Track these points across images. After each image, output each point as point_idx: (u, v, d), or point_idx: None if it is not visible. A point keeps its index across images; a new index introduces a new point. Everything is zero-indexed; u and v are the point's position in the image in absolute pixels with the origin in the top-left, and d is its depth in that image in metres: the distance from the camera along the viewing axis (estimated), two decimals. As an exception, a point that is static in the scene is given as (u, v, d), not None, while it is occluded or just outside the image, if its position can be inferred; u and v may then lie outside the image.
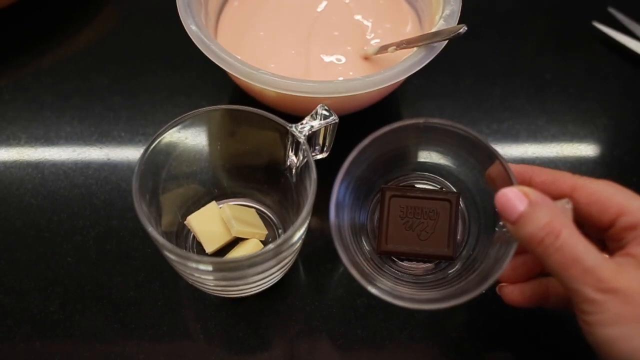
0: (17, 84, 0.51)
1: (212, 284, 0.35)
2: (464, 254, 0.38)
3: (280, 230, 0.41)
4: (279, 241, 0.32)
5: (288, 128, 0.35)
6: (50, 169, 0.46)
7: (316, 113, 0.36)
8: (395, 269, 0.38)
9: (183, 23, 0.41)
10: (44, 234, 0.42)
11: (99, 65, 0.52)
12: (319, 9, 0.49)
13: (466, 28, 0.38)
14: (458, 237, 0.38)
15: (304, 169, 0.35)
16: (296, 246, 0.35)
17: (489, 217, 0.37)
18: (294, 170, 0.37)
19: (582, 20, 0.56)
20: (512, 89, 0.52)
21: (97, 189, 0.44)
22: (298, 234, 0.33)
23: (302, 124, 0.35)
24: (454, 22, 0.42)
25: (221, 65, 0.39)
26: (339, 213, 0.33)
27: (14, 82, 0.51)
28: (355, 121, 0.42)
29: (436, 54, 0.40)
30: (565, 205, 0.31)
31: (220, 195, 0.42)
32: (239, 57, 0.39)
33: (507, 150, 0.48)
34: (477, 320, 0.39)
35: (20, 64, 0.52)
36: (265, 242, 0.40)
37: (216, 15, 0.48)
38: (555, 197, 0.31)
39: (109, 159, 0.46)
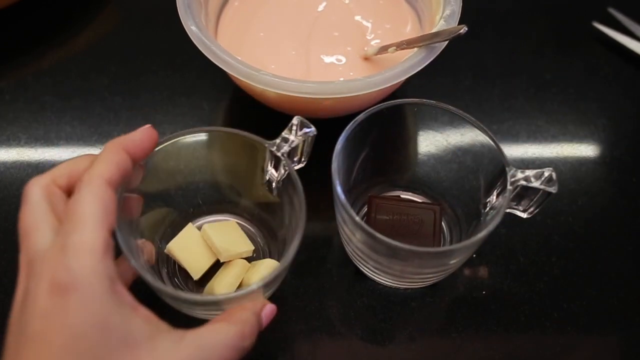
0: (18, 84, 0.51)
1: (205, 314, 0.34)
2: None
3: (262, 242, 0.40)
4: (271, 277, 0.30)
5: (266, 146, 0.34)
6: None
7: (293, 126, 0.34)
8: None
9: (183, 24, 0.41)
10: (44, 234, 0.42)
11: (99, 65, 0.52)
12: (319, 9, 0.49)
13: (467, 28, 0.38)
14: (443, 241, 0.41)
15: (286, 182, 0.35)
16: (286, 272, 0.34)
17: (471, 221, 0.39)
18: (274, 184, 0.36)
19: (582, 20, 0.56)
20: (512, 89, 0.52)
21: (98, 189, 0.44)
22: (290, 259, 0.32)
23: (281, 139, 0.34)
24: (454, 23, 0.41)
25: (222, 66, 0.39)
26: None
27: (15, 82, 0.51)
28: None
29: (437, 54, 0.40)
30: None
31: (197, 213, 0.41)
32: (239, 58, 0.39)
33: (507, 150, 0.48)
34: (477, 320, 0.39)
35: (21, 64, 0.52)
36: (251, 258, 0.39)
37: (216, 16, 0.48)
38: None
39: (109, 160, 0.46)
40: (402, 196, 0.43)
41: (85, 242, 0.26)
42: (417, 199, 0.43)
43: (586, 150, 0.48)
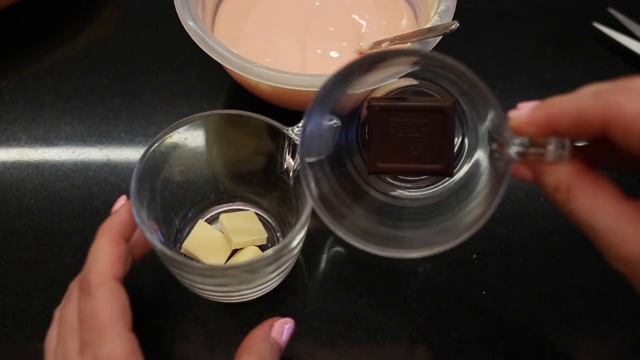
0: (18, 84, 0.51)
1: (211, 291, 0.35)
2: (458, 176, 0.35)
3: (279, 234, 0.41)
4: (278, 247, 0.31)
5: (284, 131, 0.34)
6: (50, 170, 0.46)
7: None
8: (380, 195, 0.37)
9: (180, 18, 0.41)
10: (44, 234, 0.42)
11: (99, 66, 0.52)
12: (316, 4, 0.49)
13: (458, 24, 0.38)
14: (454, 151, 0.35)
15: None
16: (296, 250, 0.34)
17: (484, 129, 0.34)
18: (291, 173, 0.36)
19: (582, 20, 0.56)
20: (512, 89, 0.52)
21: (97, 190, 0.44)
22: (297, 239, 0.33)
23: (298, 126, 0.34)
24: (448, 18, 0.42)
25: (216, 59, 0.39)
26: (310, 142, 0.31)
27: (15, 82, 0.51)
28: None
29: (430, 50, 0.40)
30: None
31: (218, 200, 0.41)
32: (235, 51, 0.39)
33: (507, 150, 0.48)
34: (477, 320, 0.39)
35: (21, 64, 0.52)
36: (265, 247, 0.40)
37: (213, 10, 0.49)
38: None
39: (109, 160, 0.46)
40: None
41: (117, 353, 0.28)
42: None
43: (586, 150, 0.48)
